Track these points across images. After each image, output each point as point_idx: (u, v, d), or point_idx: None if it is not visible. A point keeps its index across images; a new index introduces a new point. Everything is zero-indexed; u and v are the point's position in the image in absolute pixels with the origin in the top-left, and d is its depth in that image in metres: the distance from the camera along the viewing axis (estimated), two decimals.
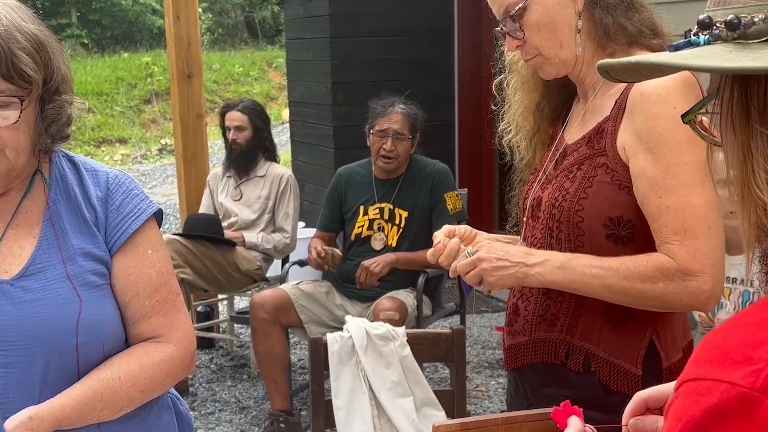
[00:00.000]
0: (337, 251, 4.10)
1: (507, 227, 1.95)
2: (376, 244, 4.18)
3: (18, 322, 1.47)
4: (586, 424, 1.13)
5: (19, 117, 1.45)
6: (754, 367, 0.73)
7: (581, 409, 1.13)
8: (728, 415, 0.73)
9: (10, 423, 1.41)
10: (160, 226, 1.66)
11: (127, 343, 1.61)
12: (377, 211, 4.20)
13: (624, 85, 1.63)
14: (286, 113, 8.52)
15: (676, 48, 0.83)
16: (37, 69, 1.46)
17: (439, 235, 1.79)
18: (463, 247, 1.76)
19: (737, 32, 0.79)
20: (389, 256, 4.07)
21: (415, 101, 4.35)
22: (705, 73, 0.82)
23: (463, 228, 1.81)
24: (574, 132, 1.75)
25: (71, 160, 1.63)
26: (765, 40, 0.78)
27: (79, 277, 1.53)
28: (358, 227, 4.21)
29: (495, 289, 1.67)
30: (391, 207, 4.18)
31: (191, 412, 2.09)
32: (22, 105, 1.45)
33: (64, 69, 1.54)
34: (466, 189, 4.92)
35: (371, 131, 4.19)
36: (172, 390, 1.73)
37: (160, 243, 1.64)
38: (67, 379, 1.51)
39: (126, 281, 1.58)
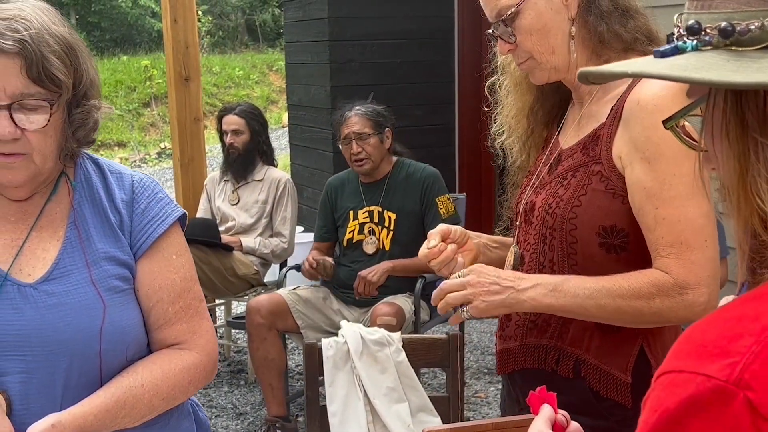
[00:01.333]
0: (329, 259, 4.12)
1: (497, 230, 1.93)
2: (368, 248, 4.17)
3: (41, 327, 1.45)
4: (560, 411, 1.15)
5: (48, 121, 1.43)
6: (729, 360, 0.75)
7: (555, 395, 1.15)
8: (703, 406, 0.75)
9: (33, 430, 1.39)
10: (183, 230, 1.63)
11: (149, 348, 1.59)
12: (366, 214, 4.20)
13: (620, 91, 1.62)
14: (287, 117, 8.50)
15: (663, 54, 0.81)
16: (67, 73, 1.44)
17: (435, 236, 1.76)
18: (460, 259, 1.74)
19: (730, 39, 0.77)
20: (386, 264, 4.05)
21: (376, 101, 4.31)
22: (708, 86, 0.80)
23: (458, 231, 1.79)
24: (569, 137, 1.74)
25: (96, 163, 1.61)
26: (761, 48, 0.77)
27: (103, 282, 1.50)
28: (350, 232, 4.21)
29: (482, 315, 1.62)
30: (380, 210, 4.17)
31: None
32: (51, 109, 1.43)
33: (92, 73, 1.52)
34: (464, 193, 4.90)
35: (340, 143, 4.20)
36: (192, 397, 1.71)
37: (184, 248, 1.62)
38: (90, 384, 1.48)
39: (150, 286, 1.55)
